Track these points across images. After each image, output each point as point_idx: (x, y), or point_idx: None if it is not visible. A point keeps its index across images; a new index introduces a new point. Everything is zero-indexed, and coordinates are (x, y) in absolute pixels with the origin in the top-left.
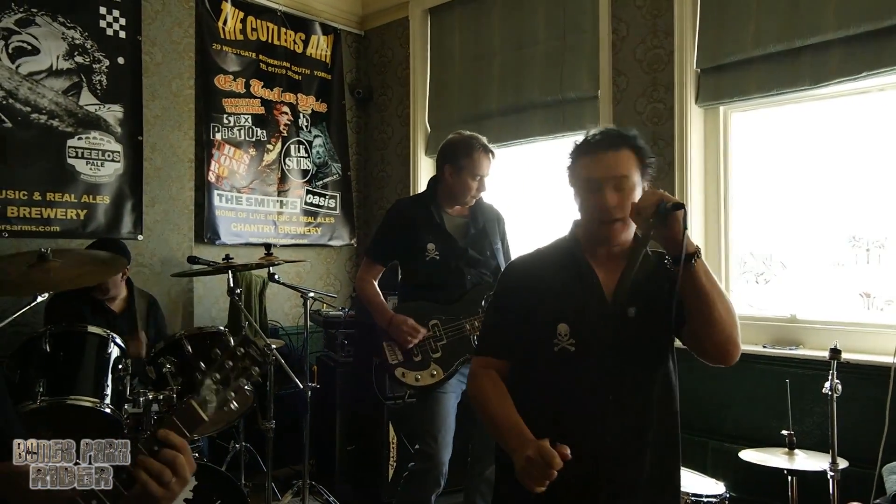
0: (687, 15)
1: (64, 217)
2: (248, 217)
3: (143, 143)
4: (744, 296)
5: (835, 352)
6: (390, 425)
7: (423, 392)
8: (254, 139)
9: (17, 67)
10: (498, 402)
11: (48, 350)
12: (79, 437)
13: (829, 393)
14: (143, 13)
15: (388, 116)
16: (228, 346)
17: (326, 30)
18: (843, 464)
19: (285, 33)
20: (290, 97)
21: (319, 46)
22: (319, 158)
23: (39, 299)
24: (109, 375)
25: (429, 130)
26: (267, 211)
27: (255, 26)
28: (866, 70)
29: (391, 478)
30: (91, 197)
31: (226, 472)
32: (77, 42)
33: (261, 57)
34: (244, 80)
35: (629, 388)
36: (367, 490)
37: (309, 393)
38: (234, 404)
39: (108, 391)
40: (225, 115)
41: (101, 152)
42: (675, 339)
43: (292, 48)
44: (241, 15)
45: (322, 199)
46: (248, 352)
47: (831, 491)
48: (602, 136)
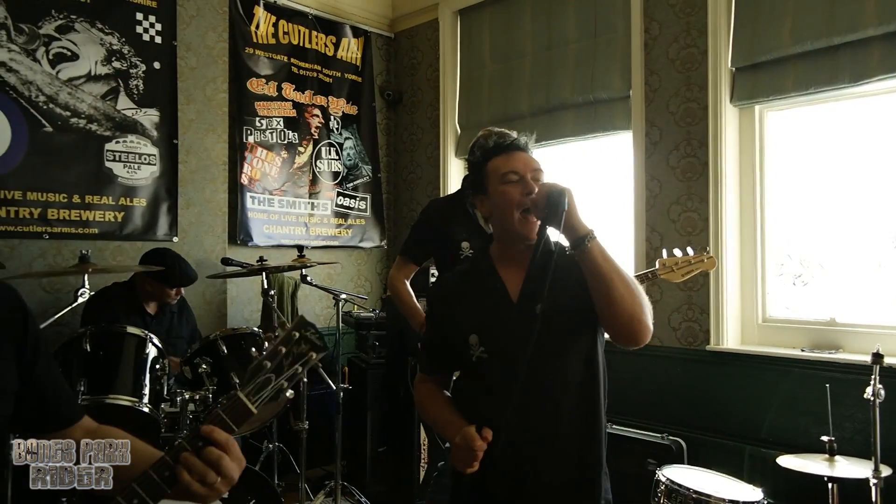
0: (721, 13)
1: (102, 219)
2: (279, 219)
3: (178, 146)
4: (781, 298)
5: (877, 356)
6: (421, 427)
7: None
8: (285, 142)
9: (58, 73)
10: (433, 404)
11: (88, 350)
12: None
13: (872, 398)
14: (178, 18)
15: (417, 118)
16: (284, 330)
17: (357, 32)
18: (886, 471)
19: (316, 36)
20: (321, 100)
21: (350, 49)
22: (350, 160)
23: (80, 300)
24: (147, 375)
25: (458, 132)
26: (298, 213)
27: (286, 30)
28: None
29: (422, 479)
30: (128, 199)
31: (260, 471)
32: (114, 47)
33: (292, 60)
34: (276, 83)
35: (544, 386)
36: (400, 491)
37: (341, 394)
38: (288, 393)
39: (146, 391)
40: (257, 119)
41: (137, 155)
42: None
43: (323, 51)
44: (273, 19)
45: (352, 201)
46: (304, 335)
47: (874, 499)
48: (511, 141)
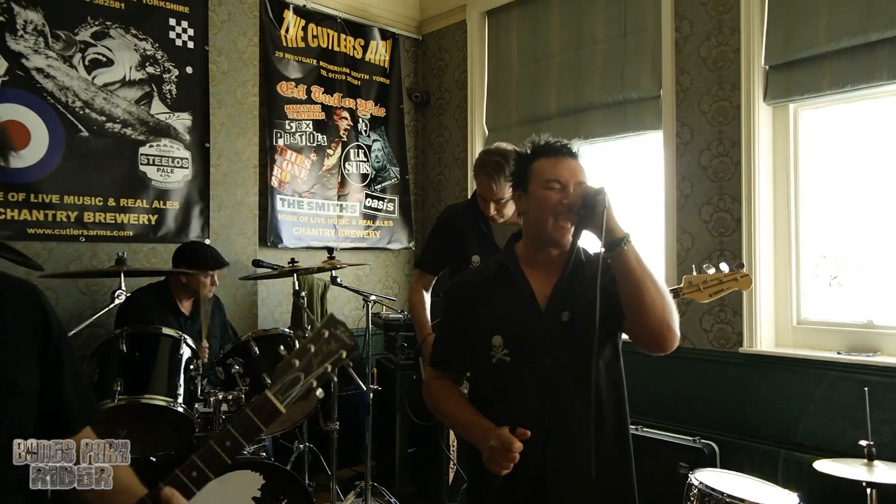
0: (754, 10)
1: (136, 222)
2: (309, 221)
3: (210, 149)
4: (816, 299)
5: None
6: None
7: None
8: (314, 144)
9: (93, 78)
10: (454, 402)
11: (125, 350)
12: (153, 436)
13: None
14: (210, 23)
15: (445, 120)
16: (314, 328)
17: (385, 35)
18: None
19: (345, 39)
20: (349, 102)
21: (378, 52)
22: (378, 162)
23: (117, 301)
24: (181, 375)
25: (486, 133)
26: (327, 215)
27: (315, 33)
28: None
29: (451, 481)
30: (161, 202)
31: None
32: (148, 53)
33: (321, 63)
34: (305, 86)
35: (569, 392)
36: (429, 493)
37: (371, 395)
38: (318, 392)
39: (181, 391)
40: (287, 122)
41: (170, 159)
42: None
43: (352, 54)
44: (302, 22)
45: (381, 202)
46: (334, 333)
47: None
48: (563, 144)
